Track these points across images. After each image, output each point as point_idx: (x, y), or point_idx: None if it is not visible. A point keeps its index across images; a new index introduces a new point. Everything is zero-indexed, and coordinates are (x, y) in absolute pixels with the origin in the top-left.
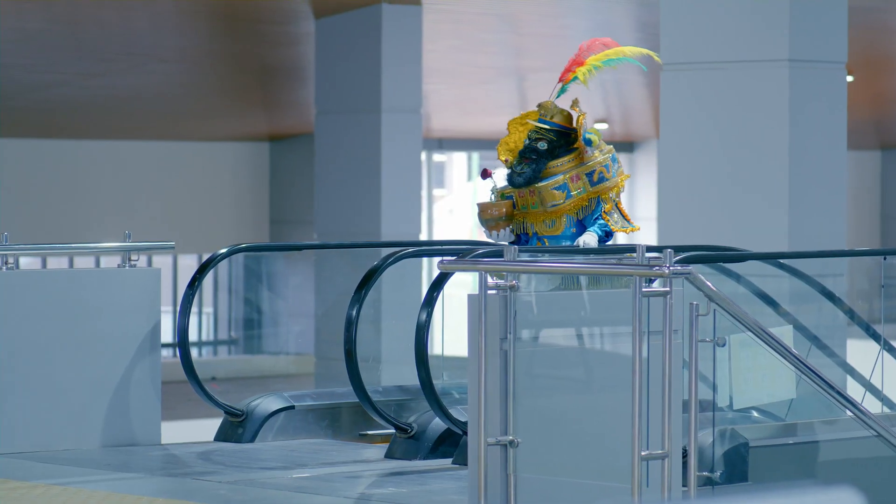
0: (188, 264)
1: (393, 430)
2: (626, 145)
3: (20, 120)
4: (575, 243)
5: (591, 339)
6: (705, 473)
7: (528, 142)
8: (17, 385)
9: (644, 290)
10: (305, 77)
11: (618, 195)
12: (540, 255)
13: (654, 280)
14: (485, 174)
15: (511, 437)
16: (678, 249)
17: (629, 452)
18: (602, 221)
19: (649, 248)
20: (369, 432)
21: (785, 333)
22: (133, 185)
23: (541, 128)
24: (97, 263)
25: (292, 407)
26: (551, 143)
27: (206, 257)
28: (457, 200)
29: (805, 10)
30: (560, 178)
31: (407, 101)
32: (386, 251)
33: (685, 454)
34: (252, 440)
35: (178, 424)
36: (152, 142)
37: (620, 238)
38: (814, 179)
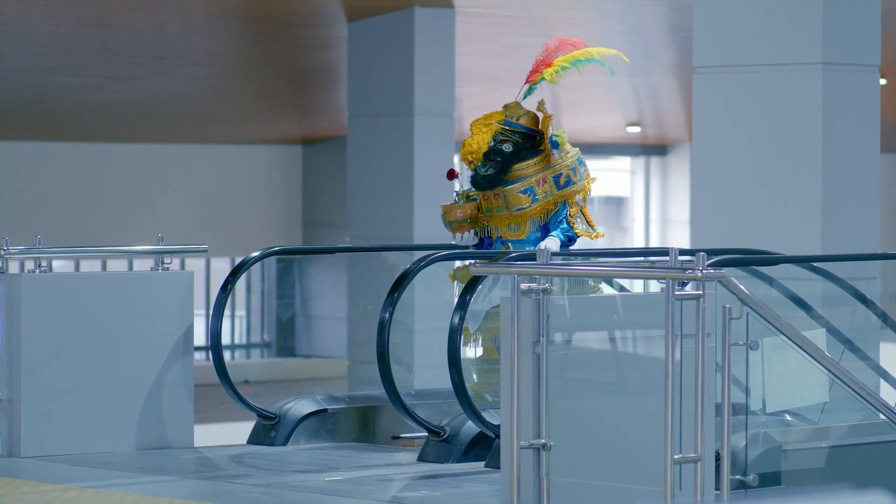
0: (221, 267)
1: (426, 434)
2: (659, 148)
3: (52, 124)
4: (536, 249)
5: (623, 342)
6: (738, 477)
7: (493, 143)
8: (50, 388)
9: (677, 293)
10: (338, 80)
11: (584, 199)
12: (573, 257)
13: (687, 283)
14: (451, 175)
15: (544, 441)
16: (711, 253)
17: (662, 456)
18: (565, 226)
19: (682, 252)
20: (402, 435)
21: (818, 337)
22: (166, 189)
23: (506, 129)
24: (130, 266)
25: (325, 410)
26: (517, 146)
27: (238, 260)
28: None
29: (838, 13)
30: (526, 181)
31: (439, 105)
32: (418, 254)
33: (718, 458)
34: (285, 443)
35: (211, 428)
36: (185, 145)
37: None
38: (847, 182)
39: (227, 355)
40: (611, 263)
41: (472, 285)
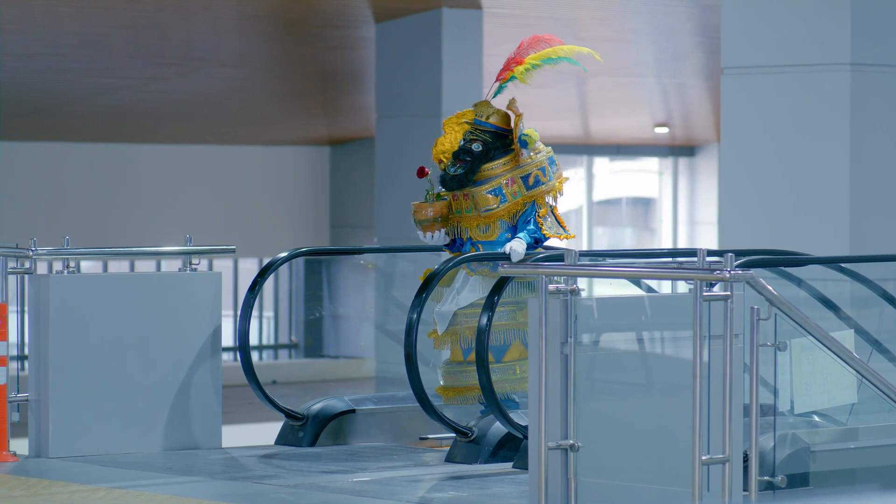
0: (249, 268)
1: (453, 434)
2: (687, 149)
3: (81, 125)
4: (501, 250)
5: (651, 343)
6: (766, 478)
7: (462, 142)
8: (78, 389)
9: (705, 294)
10: (366, 81)
11: (555, 199)
12: (601, 258)
13: (715, 284)
14: (421, 172)
15: (572, 441)
16: (739, 254)
17: (689, 457)
18: (532, 227)
19: (710, 253)
20: (430, 436)
21: (846, 338)
22: (194, 190)
23: (476, 128)
24: (158, 267)
25: (353, 411)
26: (486, 145)
27: (266, 261)
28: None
29: (866, 13)
30: (494, 181)
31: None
32: (445, 255)
33: (746, 459)
34: (312, 444)
35: (239, 428)
36: (213, 146)
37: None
38: (875, 183)
39: (254, 356)
40: (639, 264)
41: (499, 287)
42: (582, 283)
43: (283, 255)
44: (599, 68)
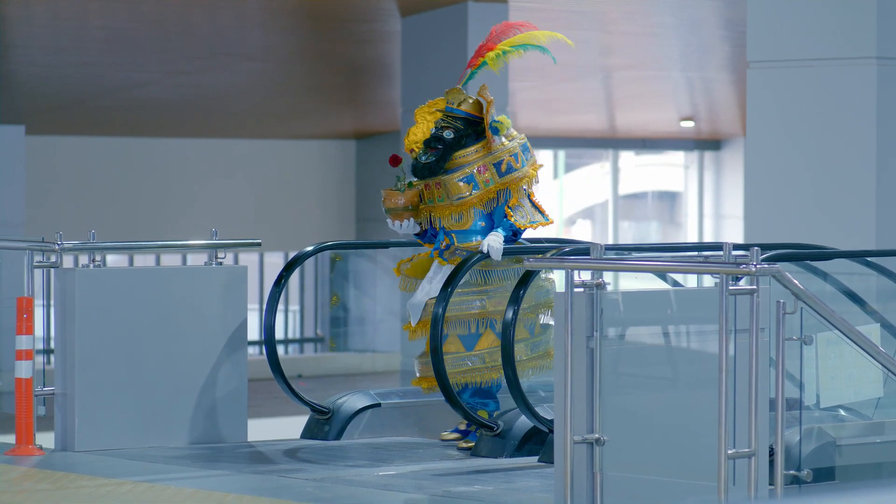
0: (275, 262)
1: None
2: (713, 143)
3: (107, 119)
4: (479, 248)
5: (677, 337)
6: (792, 472)
7: (434, 130)
8: (103, 383)
9: (731, 288)
10: (392, 75)
11: (530, 186)
12: (627, 252)
13: (741, 278)
14: (394, 161)
15: (597, 435)
16: (765, 247)
17: (715, 451)
18: (510, 221)
19: (736, 247)
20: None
21: (872, 332)
22: (220, 183)
23: (448, 116)
24: (184, 261)
25: (378, 405)
26: (458, 132)
27: (292, 255)
28: (542, 198)
29: (893, 6)
30: (466, 169)
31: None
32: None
33: (772, 453)
34: (338, 438)
35: (265, 422)
36: (238, 140)
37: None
38: None
39: (280, 350)
40: (664, 258)
41: (525, 280)
42: (607, 276)
43: (309, 248)
44: (625, 62)
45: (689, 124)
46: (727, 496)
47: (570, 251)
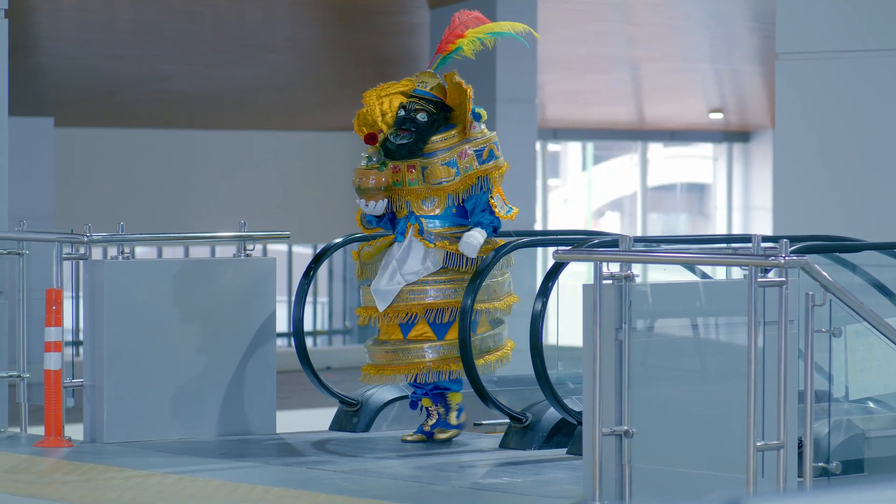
0: (303, 254)
1: (508, 420)
2: (742, 135)
3: (136, 111)
4: (461, 243)
5: (706, 329)
6: (821, 464)
7: (403, 112)
8: (132, 375)
9: (760, 280)
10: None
11: (500, 178)
12: (656, 244)
13: (770, 270)
14: (372, 139)
15: (626, 427)
16: (794, 239)
17: (744, 443)
18: (490, 217)
19: (765, 238)
20: (484, 422)
21: None
22: (248, 175)
23: (420, 98)
24: (212, 253)
25: (407, 396)
26: (431, 116)
27: (321, 247)
28: (571, 190)
29: None
30: (448, 153)
31: (521, 92)
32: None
33: (800, 445)
34: (367, 430)
35: (293, 414)
36: (267, 132)
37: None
38: None
39: (309, 342)
40: (693, 250)
41: (554, 272)
42: (636, 268)
43: (338, 240)
44: (652, 54)
45: (718, 116)
46: (756, 488)
47: (599, 243)
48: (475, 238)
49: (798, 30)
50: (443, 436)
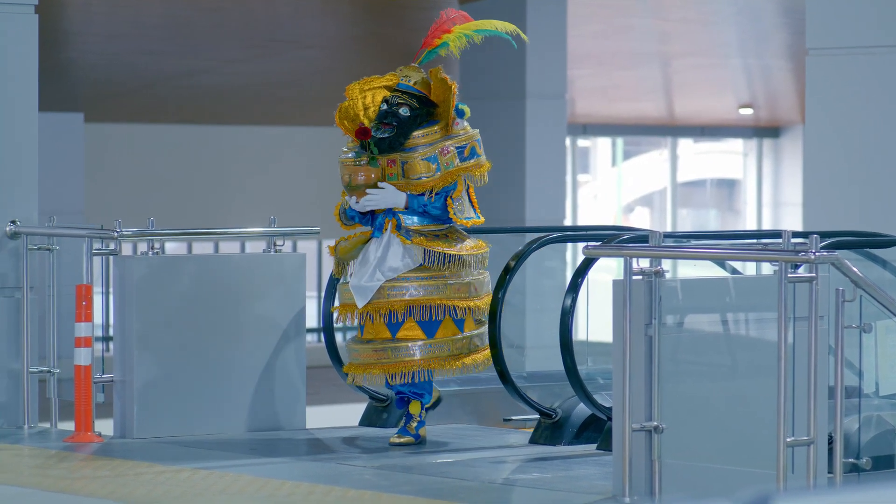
0: None
1: (537, 416)
2: (772, 130)
3: (165, 106)
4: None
5: (736, 324)
6: (851, 460)
7: (385, 106)
8: (162, 370)
9: (790, 275)
10: (449, 63)
11: (478, 179)
12: (686, 239)
13: (800, 266)
14: (364, 134)
15: (656, 423)
16: (824, 235)
17: (774, 439)
18: (436, 204)
19: (795, 234)
20: (514, 418)
21: None
22: (278, 171)
23: (403, 92)
24: (242, 248)
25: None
26: (413, 111)
27: None
28: (601, 186)
29: None
30: (429, 148)
31: (551, 87)
32: (530, 237)
33: (831, 441)
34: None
35: (323, 409)
36: (297, 127)
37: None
38: None
39: (338, 337)
40: (723, 246)
41: (584, 267)
42: (666, 264)
43: None
44: (682, 49)
45: (748, 112)
46: (785, 484)
47: (628, 239)
48: (381, 193)
49: (828, 25)
50: (401, 440)
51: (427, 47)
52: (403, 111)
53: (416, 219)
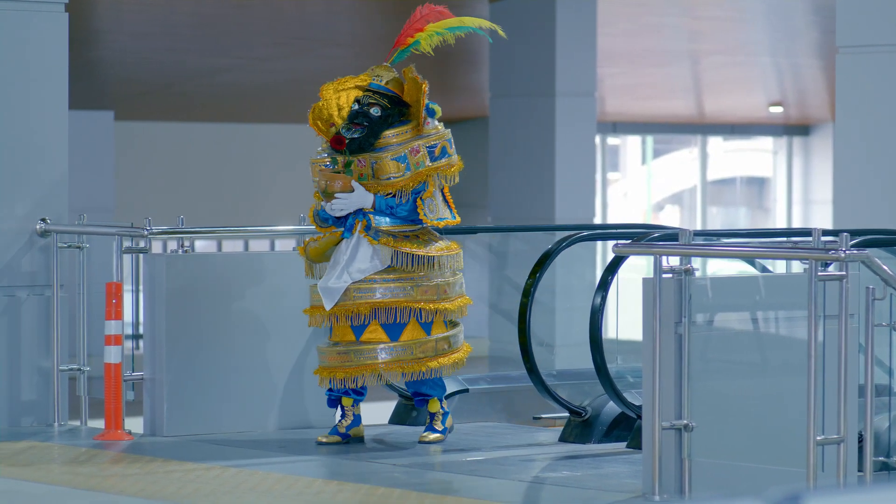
0: None
1: (567, 414)
2: (801, 129)
3: (195, 104)
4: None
5: (765, 323)
6: (881, 459)
7: (357, 106)
8: (192, 368)
9: (820, 274)
10: (480, 61)
11: (451, 179)
12: (716, 237)
13: (830, 264)
14: (340, 142)
15: (686, 421)
16: (854, 233)
17: (804, 437)
18: (405, 206)
19: (825, 232)
20: (543, 416)
21: None
22: (307, 169)
23: (374, 92)
24: (272, 247)
25: (466, 390)
26: (385, 111)
27: None
28: (631, 184)
29: None
30: (398, 148)
31: (581, 85)
32: (560, 235)
33: (861, 439)
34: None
35: None
36: None
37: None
38: None
39: None
40: (753, 244)
41: (614, 265)
42: (696, 262)
43: None
44: (713, 48)
45: (778, 110)
46: (816, 482)
47: (658, 237)
48: (350, 196)
49: (858, 23)
50: (429, 438)
51: (399, 46)
52: (374, 111)
53: (387, 219)
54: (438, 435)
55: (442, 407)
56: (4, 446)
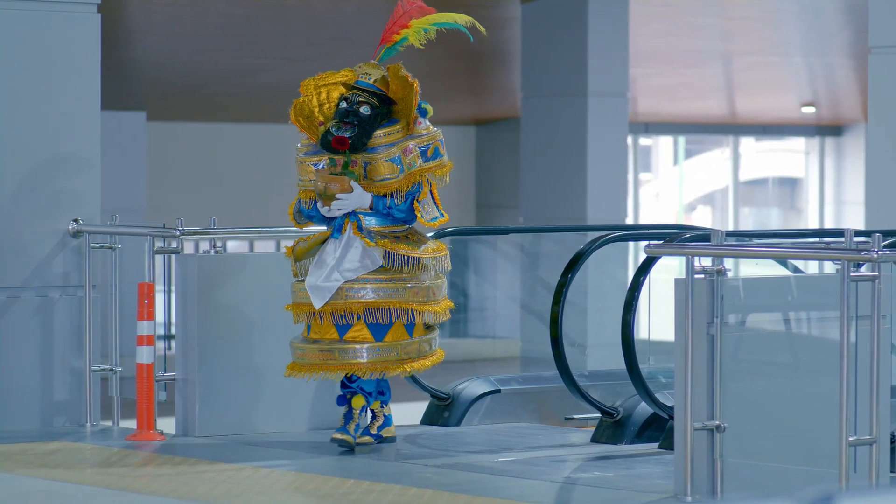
0: None
1: (599, 415)
2: (834, 129)
3: (226, 105)
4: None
5: (798, 323)
6: None
7: (346, 105)
8: (224, 368)
9: (852, 274)
10: (512, 61)
11: (441, 179)
12: (747, 238)
13: (863, 265)
14: (342, 144)
15: (718, 422)
16: (887, 234)
17: (836, 438)
18: (402, 206)
19: (858, 233)
20: (575, 416)
21: None
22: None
23: (363, 90)
24: None
25: (498, 391)
26: (374, 109)
27: None
28: (663, 184)
29: None
30: (392, 149)
31: (613, 85)
32: (592, 235)
33: (893, 440)
34: (458, 424)
35: None
36: None
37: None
38: None
39: None
40: (785, 244)
41: (646, 266)
42: (728, 263)
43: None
44: (746, 48)
45: (810, 110)
46: (848, 483)
47: (690, 237)
48: (349, 197)
49: (891, 23)
50: (361, 439)
51: (386, 43)
52: (364, 110)
53: (374, 220)
54: (369, 437)
55: (383, 413)
56: (37, 446)
